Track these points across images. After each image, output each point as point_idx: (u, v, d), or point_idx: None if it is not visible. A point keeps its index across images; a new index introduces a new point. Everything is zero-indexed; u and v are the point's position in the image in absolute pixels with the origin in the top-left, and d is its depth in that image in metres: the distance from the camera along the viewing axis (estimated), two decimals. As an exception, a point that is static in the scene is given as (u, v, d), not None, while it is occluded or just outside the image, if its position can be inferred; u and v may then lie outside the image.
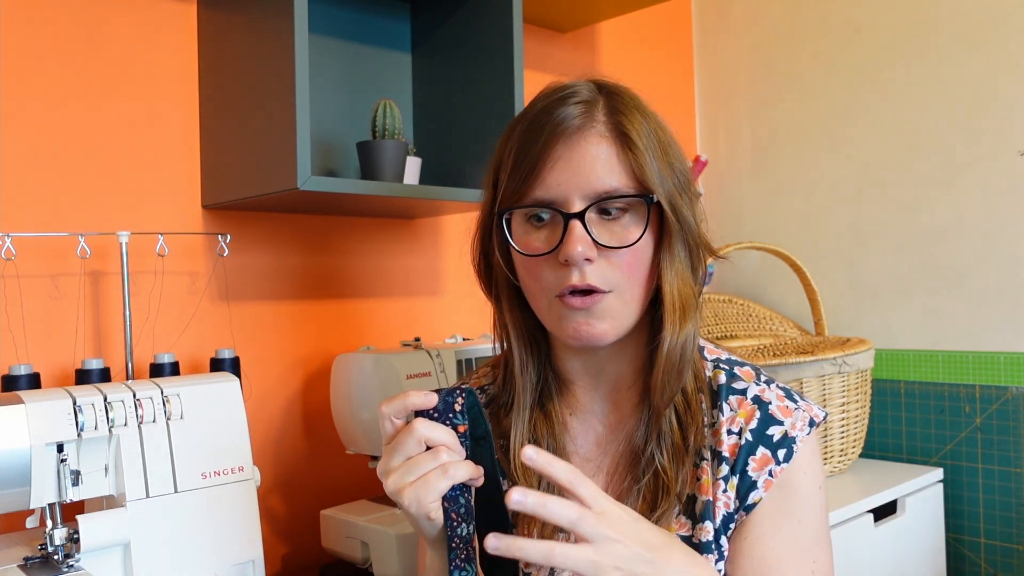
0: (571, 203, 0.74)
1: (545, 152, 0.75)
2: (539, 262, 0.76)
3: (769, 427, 0.78)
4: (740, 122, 2.17)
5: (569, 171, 0.74)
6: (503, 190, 0.78)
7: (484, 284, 0.86)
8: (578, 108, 0.76)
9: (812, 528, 0.78)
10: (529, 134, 0.76)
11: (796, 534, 0.77)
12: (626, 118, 0.75)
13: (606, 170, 0.74)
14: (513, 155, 0.77)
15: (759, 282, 2.11)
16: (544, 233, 0.76)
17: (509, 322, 0.83)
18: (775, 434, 0.77)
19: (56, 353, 1.20)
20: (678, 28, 2.23)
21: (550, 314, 0.78)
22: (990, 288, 1.72)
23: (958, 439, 1.75)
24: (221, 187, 1.31)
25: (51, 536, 0.95)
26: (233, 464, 1.05)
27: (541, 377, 0.84)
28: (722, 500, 0.76)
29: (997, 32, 1.70)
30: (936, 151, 1.80)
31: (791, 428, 0.78)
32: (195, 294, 1.34)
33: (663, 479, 0.77)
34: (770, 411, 0.78)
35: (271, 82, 1.18)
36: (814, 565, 0.77)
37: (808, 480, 0.78)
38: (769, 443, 0.77)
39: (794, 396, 0.81)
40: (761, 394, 0.79)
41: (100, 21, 1.26)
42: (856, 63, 1.92)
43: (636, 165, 0.74)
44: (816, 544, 0.78)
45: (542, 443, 0.81)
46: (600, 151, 0.74)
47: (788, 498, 0.77)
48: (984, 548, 1.72)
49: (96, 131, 1.25)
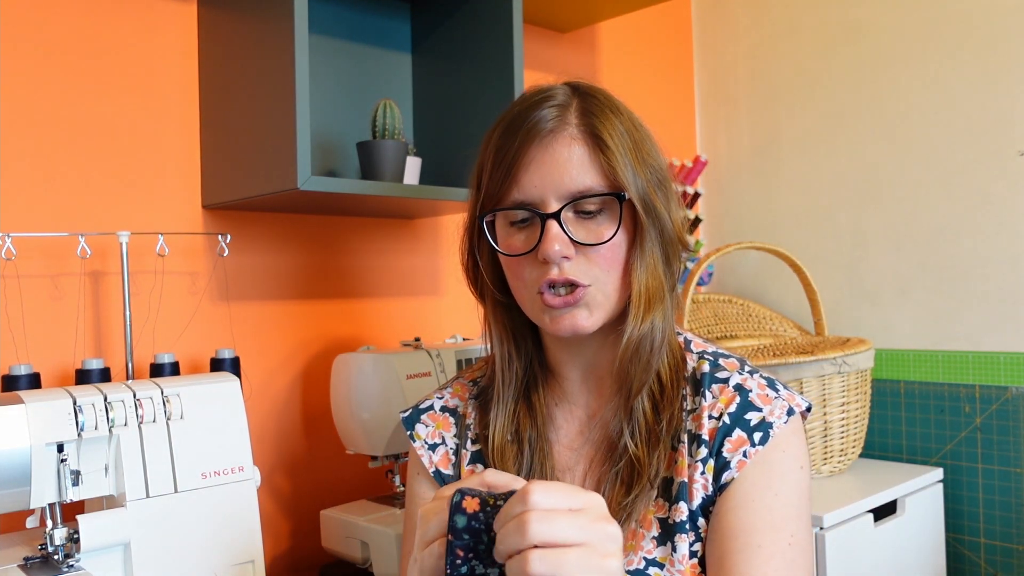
0: (547, 203, 0.77)
1: (520, 155, 0.78)
2: (521, 262, 0.80)
3: (747, 412, 0.79)
4: (740, 122, 2.17)
5: (543, 172, 0.77)
6: (484, 193, 0.82)
7: (471, 283, 0.90)
8: (552, 111, 0.79)
9: (791, 503, 0.77)
10: (505, 138, 0.80)
11: (771, 506, 0.76)
12: (598, 119, 0.78)
13: (580, 171, 0.77)
14: (492, 158, 0.81)
15: (759, 282, 2.11)
16: (524, 234, 0.80)
17: (493, 319, 0.87)
18: (752, 419, 0.79)
19: (56, 353, 1.21)
20: (678, 28, 2.23)
21: (533, 308, 0.81)
22: (990, 288, 1.72)
23: (958, 439, 1.75)
24: (221, 187, 1.31)
25: (51, 536, 0.95)
26: (233, 464, 1.06)
27: (528, 371, 0.87)
28: (700, 482, 0.78)
29: (997, 32, 1.70)
30: (936, 151, 1.80)
31: (769, 415, 0.79)
32: (195, 294, 1.34)
33: (635, 464, 0.79)
34: (750, 398, 0.80)
35: (271, 82, 1.18)
36: (791, 539, 0.76)
37: (787, 458, 0.78)
38: (746, 426, 0.78)
39: (776, 386, 0.82)
40: (743, 383, 0.81)
41: (100, 21, 1.26)
42: (856, 63, 1.92)
43: (608, 166, 0.77)
44: (796, 519, 0.77)
45: (524, 434, 0.84)
46: (573, 153, 0.77)
47: (764, 473, 0.77)
48: (984, 548, 1.72)
49: (96, 131, 1.25)
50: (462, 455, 0.89)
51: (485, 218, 0.82)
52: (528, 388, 0.87)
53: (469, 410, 0.91)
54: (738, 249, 1.83)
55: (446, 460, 0.90)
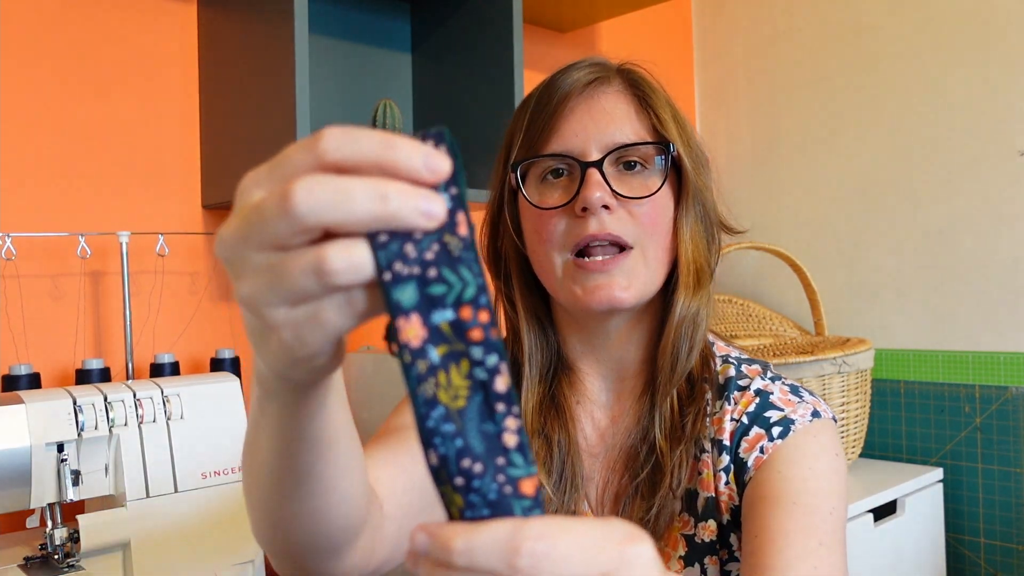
0: (588, 153, 0.71)
1: (562, 105, 0.73)
2: (553, 219, 0.72)
3: (767, 411, 0.74)
4: (740, 122, 2.17)
5: (586, 121, 0.72)
6: (517, 149, 0.75)
7: (493, 271, 0.82)
8: (595, 70, 0.75)
9: (821, 510, 0.67)
10: (545, 94, 0.75)
11: (806, 477, 0.68)
12: (643, 84, 0.76)
13: (624, 121, 0.73)
14: (528, 116, 0.75)
15: (759, 282, 2.11)
16: (559, 189, 0.73)
17: (520, 302, 0.78)
18: (772, 416, 0.73)
19: (56, 353, 1.21)
20: (678, 28, 2.23)
21: (563, 278, 0.72)
22: (990, 288, 1.72)
23: (958, 439, 1.75)
24: (221, 187, 1.31)
25: (51, 536, 0.96)
26: (233, 464, 1.06)
27: (551, 364, 0.79)
28: (725, 493, 0.72)
29: (997, 32, 1.70)
30: (936, 151, 1.80)
31: (791, 413, 0.73)
32: (195, 294, 1.34)
33: (659, 464, 0.72)
34: (771, 400, 0.75)
35: (271, 82, 1.18)
36: (831, 513, 0.67)
37: (817, 444, 0.70)
38: (765, 424, 0.73)
39: (800, 392, 0.77)
40: (764, 387, 0.76)
41: (101, 21, 1.26)
42: (856, 63, 1.92)
43: (656, 118, 0.73)
44: (826, 527, 0.67)
45: (552, 435, 0.76)
46: (618, 105, 0.73)
47: (790, 457, 0.70)
48: (984, 548, 1.72)
49: (96, 131, 1.25)
50: None
51: (519, 167, 0.74)
52: (551, 385, 0.79)
53: None
54: (738, 249, 1.83)
55: None
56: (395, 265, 0.32)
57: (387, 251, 0.32)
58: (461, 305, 0.33)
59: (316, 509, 0.50)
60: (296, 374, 0.37)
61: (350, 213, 0.31)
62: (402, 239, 0.32)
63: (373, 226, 0.32)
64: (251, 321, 0.35)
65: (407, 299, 0.33)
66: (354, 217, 0.31)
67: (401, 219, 0.32)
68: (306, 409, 0.42)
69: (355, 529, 0.55)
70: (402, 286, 0.32)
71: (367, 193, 0.31)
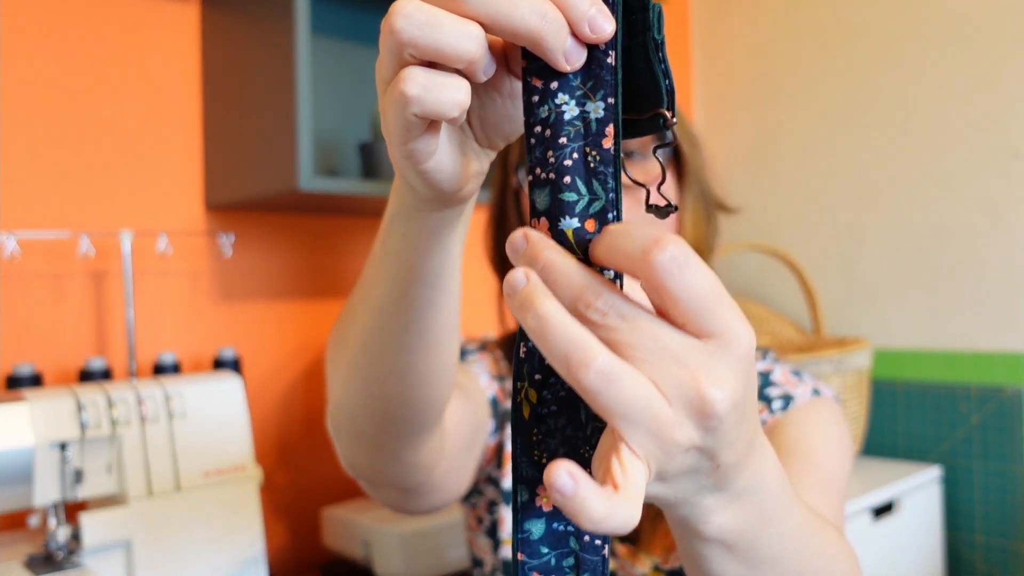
0: None
1: None
2: None
3: (767, 388, 0.75)
4: (740, 122, 2.17)
5: None
6: (517, 148, 0.77)
7: (497, 270, 0.85)
8: None
9: (823, 467, 0.67)
10: None
11: (809, 435, 0.68)
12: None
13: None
14: None
15: (757, 282, 2.11)
16: None
17: None
18: (773, 393, 0.74)
19: (59, 352, 1.21)
20: (678, 28, 2.24)
21: None
22: (987, 288, 1.73)
23: (956, 438, 1.76)
24: (224, 187, 1.31)
25: (54, 534, 0.96)
26: (235, 463, 1.06)
27: None
28: None
29: (995, 33, 1.71)
30: (933, 152, 1.80)
31: (792, 390, 0.74)
32: (198, 293, 1.35)
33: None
34: (771, 379, 0.76)
35: (273, 82, 1.19)
36: (837, 473, 0.67)
37: (820, 413, 0.71)
38: (765, 398, 0.74)
39: (801, 374, 0.79)
40: (766, 369, 0.78)
41: (103, 22, 1.26)
42: (855, 63, 1.93)
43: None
44: (828, 479, 0.66)
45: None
46: None
47: (792, 426, 0.70)
48: (982, 546, 1.73)
49: (99, 131, 1.26)
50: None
51: (520, 168, 0.77)
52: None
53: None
54: (736, 250, 1.84)
55: (502, 393, 0.82)
56: (536, 169, 0.35)
57: (532, 156, 0.35)
58: (587, 218, 0.34)
59: (415, 365, 0.50)
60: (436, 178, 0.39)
61: (509, 17, 0.33)
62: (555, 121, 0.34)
63: (524, 37, 0.34)
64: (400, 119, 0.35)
65: (541, 202, 0.35)
66: (511, 23, 0.33)
67: (550, 40, 0.33)
68: (436, 234, 0.44)
69: (438, 410, 0.55)
70: (540, 189, 0.35)
71: (531, 7, 0.33)
